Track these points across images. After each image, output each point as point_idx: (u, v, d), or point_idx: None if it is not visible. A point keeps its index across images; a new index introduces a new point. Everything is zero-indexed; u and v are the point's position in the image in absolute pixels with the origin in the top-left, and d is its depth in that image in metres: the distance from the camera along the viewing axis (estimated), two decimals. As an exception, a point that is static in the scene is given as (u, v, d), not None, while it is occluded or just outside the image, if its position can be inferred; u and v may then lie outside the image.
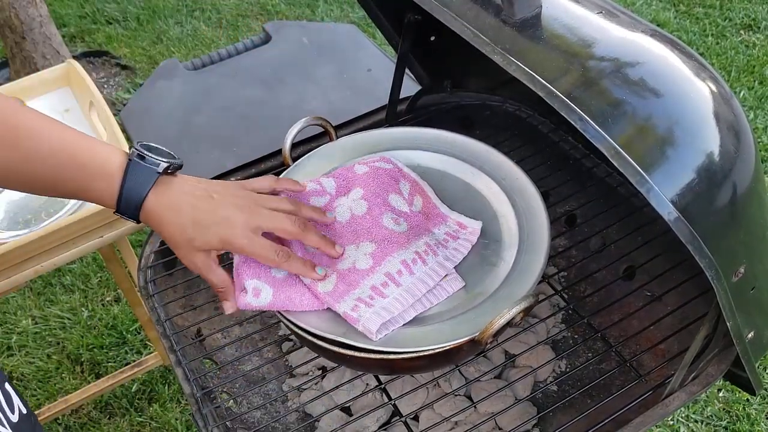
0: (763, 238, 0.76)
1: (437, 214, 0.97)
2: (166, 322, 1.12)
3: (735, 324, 0.75)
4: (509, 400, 1.15)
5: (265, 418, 1.18)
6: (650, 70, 0.69)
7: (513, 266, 0.90)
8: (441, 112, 1.40)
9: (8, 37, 2.85)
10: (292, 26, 2.19)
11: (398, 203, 0.96)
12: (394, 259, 0.88)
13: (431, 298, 0.87)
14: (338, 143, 1.07)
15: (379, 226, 0.92)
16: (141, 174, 0.75)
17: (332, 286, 0.86)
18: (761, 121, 2.70)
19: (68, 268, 2.33)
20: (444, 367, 1.08)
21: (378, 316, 0.81)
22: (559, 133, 1.32)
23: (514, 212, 0.97)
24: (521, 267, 0.89)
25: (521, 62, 0.68)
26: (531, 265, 0.89)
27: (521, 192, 0.99)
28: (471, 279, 0.90)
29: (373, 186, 0.96)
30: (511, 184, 1.00)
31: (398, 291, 0.86)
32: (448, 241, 0.94)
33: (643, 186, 0.62)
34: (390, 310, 0.83)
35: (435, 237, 0.94)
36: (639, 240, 1.15)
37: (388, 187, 0.97)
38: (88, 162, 0.74)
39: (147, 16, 3.57)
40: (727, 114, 0.69)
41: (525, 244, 0.92)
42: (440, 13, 0.78)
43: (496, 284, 0.88)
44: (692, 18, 3.27)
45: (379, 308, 0.83)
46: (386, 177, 0.98)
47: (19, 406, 0.74)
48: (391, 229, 0.93)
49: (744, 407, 1.87)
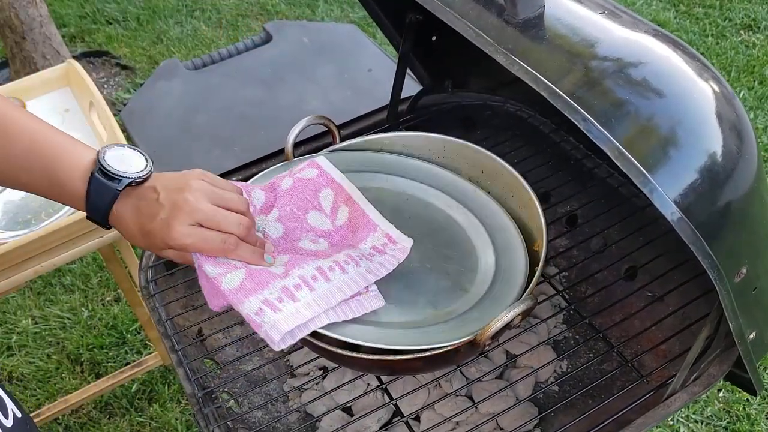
0: (765, 239, 0.76)
1: (365, 224, 0.92)
2: (167, 322, 1.12)
3: (737, 324, 0.75)
4: (510, 401, 1.15)
5: (266, 418, 1.18)
6: (653, 71, 0.69)
7: (485, 293, 0.91)
8: (442, 113, 1.40)
9: (8, 37, 2.84)
10: (292, 26, 2.19)
11: (319, 221, 0.92)
12: (309, 266, 0.82)
13: (346, 310, 0.80)
14: (330, 157, 1.05)
15: (295, 249, 0.89)
16: (103, 191, 0.76)
17: (238, 283, 0.78)
18: (761, 121, 2.70)
19: (68, 268, 2.33)
20: (443, 368, 1.08)
21: (284, 322, 0.74)
22: (560, 133, 1.32)
23: (493, 248, 0.97)
24: (494, 294, 0.90)
25: (524, 62, 0.68)
26: (504, 293, 0.90)
27: (502, 230, 1.00)
28: (442, 299, 0.90)
29: (291, 206, 0.92)
30: (492, 222, 1.01)
31: (311, 296, 0.79)
32: (374, 255, 0.88)
33: (646, 186, 0.62)
34: (299, 317, 0.76)
35: (359, 251, 0.89)
36: (640, 240, 1.15)
37: (307, 205, 0.92)
38: (59, 174, 0.77)
39: (147, 16, 3.57)
40: (730, 114, 0.69)
41: (501, 276, 0.93)
42: (443, 13, 0.78)
43: (468, 306, 0.89)
44: (692, 18, 3.27)
45: (288, 314, 0.76)
46: (308, 191, 0.93)
47: (13, 410, 0.74)
48: (309, 249, 0.89)
49: (744, 407, 1.87)
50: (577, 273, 1.30)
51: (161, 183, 0.79)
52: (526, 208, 1.02)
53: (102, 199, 0.76)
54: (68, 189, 0.77)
